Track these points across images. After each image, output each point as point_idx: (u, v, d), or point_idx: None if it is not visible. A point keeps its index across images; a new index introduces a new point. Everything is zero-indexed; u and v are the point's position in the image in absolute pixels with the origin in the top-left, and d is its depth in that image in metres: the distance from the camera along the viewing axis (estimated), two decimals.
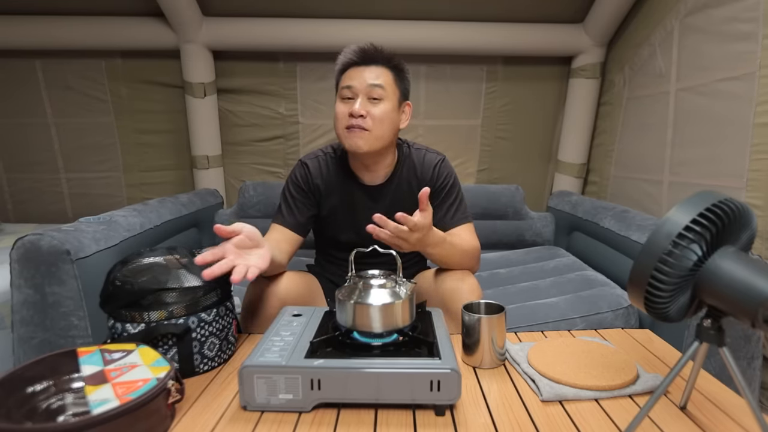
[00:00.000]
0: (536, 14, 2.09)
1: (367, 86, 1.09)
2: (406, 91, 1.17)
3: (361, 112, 1.07)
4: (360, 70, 1.11)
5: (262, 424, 0.69)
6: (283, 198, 1.20)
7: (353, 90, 1.10)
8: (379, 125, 1.09)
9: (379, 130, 1.10)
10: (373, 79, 1.09)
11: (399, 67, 1.15)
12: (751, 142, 1.36)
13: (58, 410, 0.64)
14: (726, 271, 0.56)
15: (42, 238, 1.08)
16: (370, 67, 1.11)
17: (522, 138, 2.36)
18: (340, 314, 0.83)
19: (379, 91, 1.09)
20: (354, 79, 1.10)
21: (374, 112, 1.09)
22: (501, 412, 0.72)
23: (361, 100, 1.09)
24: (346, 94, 1.11)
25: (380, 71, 1.11)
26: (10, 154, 2.30)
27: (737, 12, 1.41)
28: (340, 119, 1.11)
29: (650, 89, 1.85)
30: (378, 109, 1.09)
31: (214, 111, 2.21)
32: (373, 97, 1.09)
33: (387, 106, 1.10)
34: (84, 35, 2.06)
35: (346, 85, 1.11)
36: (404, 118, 1.18)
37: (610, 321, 1.35)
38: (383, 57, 1.12)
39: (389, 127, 1.11)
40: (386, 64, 1.12)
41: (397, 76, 1.13)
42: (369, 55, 1.12)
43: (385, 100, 1.10)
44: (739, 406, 0.73)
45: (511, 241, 2.10)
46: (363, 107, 1.08)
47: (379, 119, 1.09)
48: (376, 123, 1.09)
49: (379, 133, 1.10)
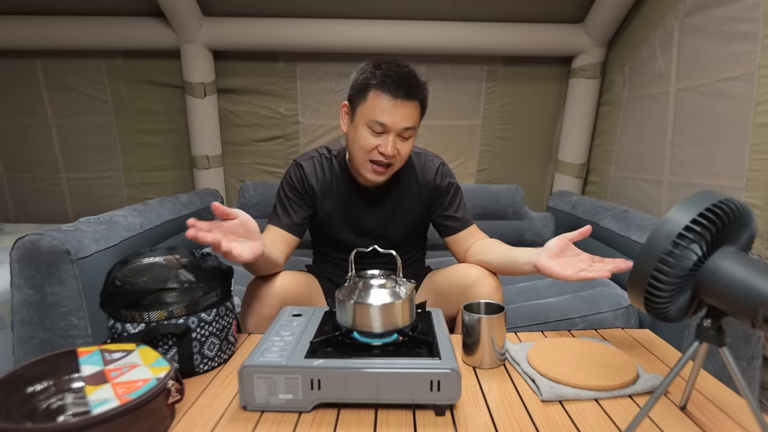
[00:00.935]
0: (536, 14, 2.09)
1: (402, 129, 1.06)
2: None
3: (393, 154, 1.07)
4: (396, 106, 1.04)
5: (262, 424, 0.69)
6: (278, 199, 1.20)
7: (386, 128, 1.05)
8: (402, 161, 1.12)
9: (400, 164, 1.13)
10: (408, 120, 1.06)
11: (426, 97, 1.10)
12: (750, 142, 1.36)
13: (58, 410, 0.64)
14: (726, 271, 0.56)
15: (42, 238, 1.08)
16: (405, 105, 1.04)
17: (522, 138, 2.36)
18: (340, 314, 0.83)
19: (410, 132, 1.08)
20: (388, 116, 1.04)
21: (403, 151, 1.09)
22: (501, 412, 0.72)
23: (392, 139, 1.06)
24: (377, 129, 1.06)
25: (414, 107, 1.06)
26: (11, 154, 2.30)
27: (737, 12, 1.41)
28: (367, 151, 1.08)
29: (650, 89, 1.85)
30: (406, 147, 1.10)
31: (214, 111, 2.21)
32: (403, 137, 1.08)
33: (412, 142, 1.12)
34: (84, 35, 2.06)
35: (378, 121, 1.04)
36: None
37: (610, 321, 1.35)
38: (420, 91, 1.07)
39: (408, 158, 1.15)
40: (420, 97, 1.07)
41: (423, 108, 1.11)
42: (410, 89, 1.04)
43: (411, 138, 1.11)
44: (739, 406, 0.73)
45: (511, 241, 2.07)
46: (395, 149, 1.07)
47: (405, 156, 1.11)
48: (401, 160, 1.11)
49: (399, 166, 1.13)
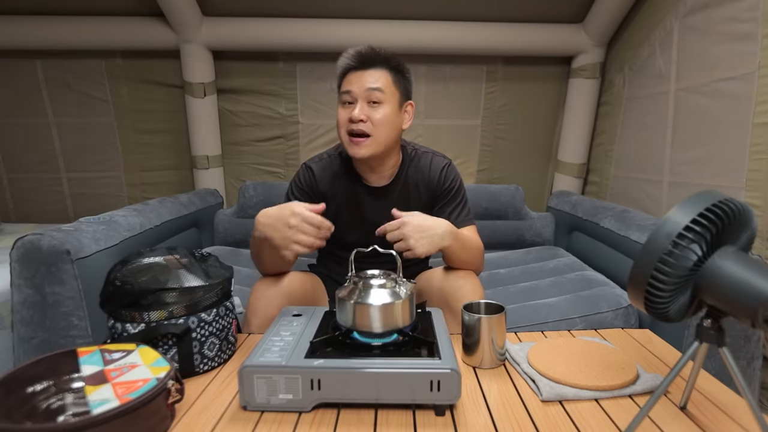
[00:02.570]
0: (536, 14, 2.09)
1: (366, 90, 1.07)
2: (408, 92, 1.16)
3: (360, 117, 1.07)
4: (358, 74, 1.09)
5: (262, 424, 0.69)
6: (286, 200, 1.21)
7: (352, 95, 1.08)
8: (380, 129, 1.09)
9: (381, 134, 1.09)
10: (371, 83, 1.07)
11: (398, 67, 1.12)
12: (750, 142, 1.36)
13: (58, 410, 0.64)
14: (726, 271, 0.56)
15: (42, 238, 1.08)
16: (369, 71, 1.08)
17: (522, 138, 2.36)
18: (340, 314, 0.83)
19: (378, 95, 1.08)
20: (353, 83, 1.09)
21: (374, 116, 1.08)
22: (501, 412, 0.72)
23: (360, 104, 1.08)
24: (346, 99, 1.10)
25: (379, 74, 1.09)
26: (11, 154, 2.30)
27: (737, 12, 1.41)
28: (342, 125, 1.11)
29: (650, 89, 1.85)
30: (378, 113, 1.08)
31: (214, 111, 2.21)
32: (372, 101, 1.08)
33: (387, 109, 1.09)
34: (84, 35, 2.06)
35: (345, 90, 1.09)
36: (407, 118, 1.17)
37: (610, 321, 1.35)
38: (381, 59, 1.10)
39: (391, 130, 1.11)
40: (385, 65, 1.10)
41: (396, 77, 1.11)
42: (367, 58, 1.09)
43: (385, 103, 1.09)
44: (739, 406, 0.73)
45: (511, 241, 2.10)
46: (363, 112, 1.07)
47: (380, 123, 1.08)
48: (377, 127, 1.08)
49: (381, 137, 1.09)
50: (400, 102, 1.13)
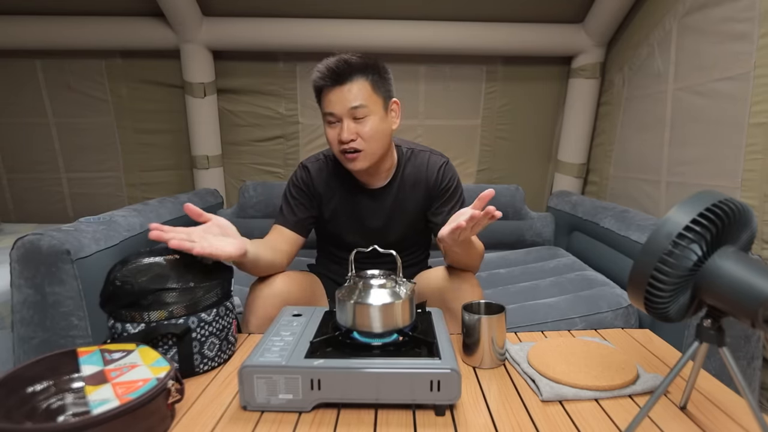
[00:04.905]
0: (536, 14, 2.09)
1: (349, 110, 1.05)
2: (389, 92, 1.12)
3: (350, 138, 1.05)
4: (336, 92, 1.05)
5: (262, 424, 0.69)
6: (284, 199, 1.22)
7: (336, 116, 1.06)
8: (371, 142, 1.07)
9: (372, 147, 1.08)
10: (352, 101, 1.04)
11: (375, 71, 1.07)
12: (745, 142, 1.36)
13: (58, 410, 0.64)
14: (726, 271, 0.56)
15: (42, 238, 1.08)
16: (346, 86, 1.04)
17: (522, 138, 2.36)
18: (340, 314, 0.83)
19: (362, 111, 1.05)
20: (334, 104, 1.05)
21: (363, 131, 1.06)
22: (501, 412, 0.72)
23: (346, 123, 1.05)
24: (331, 119, 1.08)
25: (358, 86, 1.05)
26: (11, 154, 2.30)
27: (734, 12, 1.41)
28: (333, 144, 1.10)
29: (649, 89, 1.86)
30: (366, 126, 1.06)
31: (214, 111, 2.21)
32: (357, 117, 1.06)
33: (374, 120, 1.07)
34: (84, 35, 2.06)
35: (328, 112, 1.07)
36: (393, 116, 1.14)
37: (610, 321, 1.35)
38: (356, 69, 1.05)
39: (381, 138, 1.10)
40: (361, 74, 1.05)
41: (374, 82, 1.07)
42: (341, 72, 1.04)
43: (370, 115, 1.06)
44: (739, 406, 0.73)
45: (511, 241, 2.10)
46: (350, 132, 1.05)
47: (369, 136, 1.07)
48: (368, 141, 1.07)
49: (373, 149, 1.09)
50: (384, 106, 1.10)
